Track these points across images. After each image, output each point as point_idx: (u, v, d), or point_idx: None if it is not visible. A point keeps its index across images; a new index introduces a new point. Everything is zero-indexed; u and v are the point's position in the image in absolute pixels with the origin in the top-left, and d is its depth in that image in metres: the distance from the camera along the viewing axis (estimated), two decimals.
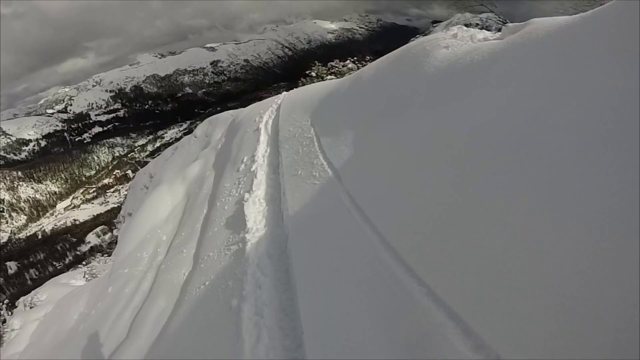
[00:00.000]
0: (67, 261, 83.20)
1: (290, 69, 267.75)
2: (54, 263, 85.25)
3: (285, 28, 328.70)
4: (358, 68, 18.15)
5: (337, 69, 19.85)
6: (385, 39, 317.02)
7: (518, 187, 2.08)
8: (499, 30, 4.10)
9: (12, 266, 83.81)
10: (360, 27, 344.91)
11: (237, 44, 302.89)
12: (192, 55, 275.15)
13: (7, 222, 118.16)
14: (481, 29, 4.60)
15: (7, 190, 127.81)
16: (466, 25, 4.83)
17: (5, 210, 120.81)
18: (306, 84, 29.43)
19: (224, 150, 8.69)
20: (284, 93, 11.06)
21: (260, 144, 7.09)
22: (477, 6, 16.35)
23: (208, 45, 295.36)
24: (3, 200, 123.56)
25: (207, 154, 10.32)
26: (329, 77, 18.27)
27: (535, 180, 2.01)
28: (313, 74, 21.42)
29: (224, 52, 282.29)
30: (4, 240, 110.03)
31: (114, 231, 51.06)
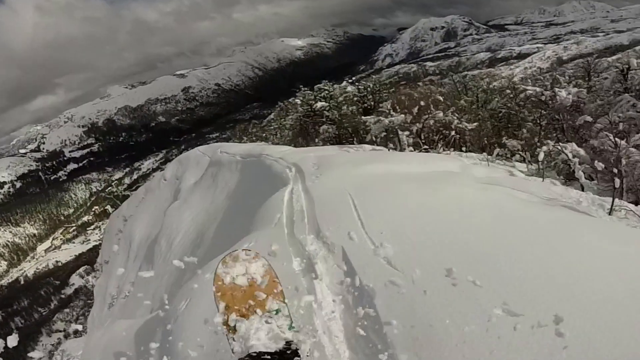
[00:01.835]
0: (52, 306, 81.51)
1: (262, 89, 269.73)
2: (39, 309, 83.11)
3: (253, 49, 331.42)
4: (359, 90, 17.87)
5: (326, 91, 18.03)
6: (353, 50, 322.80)
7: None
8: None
9: None
10: (327, 42, 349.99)
11: (206, 68, 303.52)
12: (162, 84, 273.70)
13: None
14: (447, 31, 5.77)
15: None
16: (432, 29, 6.11)
17: None
18: (288, 107, 29.66)
19: None
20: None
21: None
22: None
23: (178, 72, 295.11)
24: None
25: None
26: (319, 103, 17.26)
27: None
28: (298, 100, 19.87)
29: (194, 78, 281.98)
30: None
31: (97, 272, 50.37)
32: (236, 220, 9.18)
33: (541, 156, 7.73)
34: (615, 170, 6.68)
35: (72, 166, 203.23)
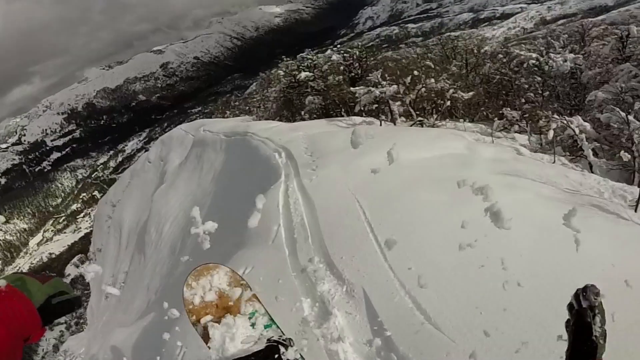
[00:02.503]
0: None
1: (242, 60, 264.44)
2: None
3: (230, 19, 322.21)
4: (344, 59, 16.53)
5: (310, 61, 17.12)
6: (333, 14, 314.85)
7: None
8: None
9: None
10: (306, 7, 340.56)
11: (184, 42, 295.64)
12: (140, 62, 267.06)
13: None
14: None
15: None
16: None
17: None
18: (270, 77, 28.72)
19: None
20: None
21: None
22: None
23: (155, 49, 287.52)
24: None
25: None
26: (303, 73, 16.43)
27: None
28: (281, 71, 19.09)
29: (172, 53, 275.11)
30: None
31: (91, 261, 50.03)
32: (225, 209, 8.74)
33: (550, 134, 7.26)
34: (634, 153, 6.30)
35: (55, 155, 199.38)
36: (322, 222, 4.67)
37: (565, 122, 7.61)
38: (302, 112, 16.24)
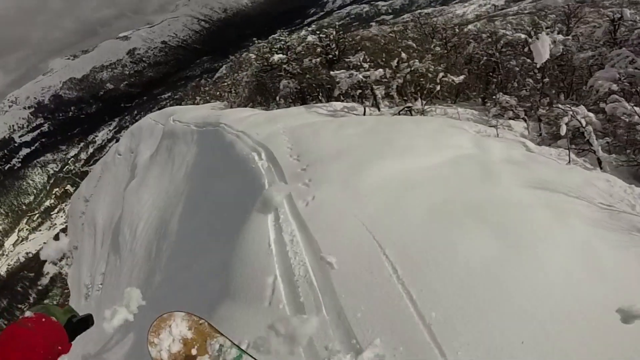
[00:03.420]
0: (31, 300, 79.89)
1: (211, 42, 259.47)
2: (19, 306, 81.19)
3: (197, 1, 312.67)
4: (320, 40, 15.43)
5: (283, 42, 16.17)
6: None
7: None
8: None
9: None
10: None
11: (150, 27, 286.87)
12: (106, 49, 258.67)
13: None
14: None
15: None
16: None
17: None
18: (241, 60, 27.59)
19: None
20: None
21: None
22: None
23: (121, 35, 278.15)
24: None
25: None
26: (276, 56, 15.57)
27: None
28: (252, 55, 18.48)
29: (138, 39, 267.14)
30: None
31: (68, 259, 49.07)
32: (199, 214, 8.04)
33: (563, 130, 6.72)
34: None
35: (24, 151, 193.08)
36: (337, 280, 3.53)
37: (571, 112, 7.06)
38: (277, 98, 15.42)
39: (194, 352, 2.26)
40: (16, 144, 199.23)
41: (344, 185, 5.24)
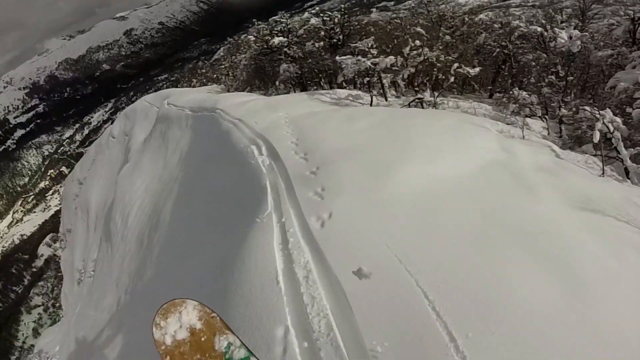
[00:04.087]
0: (26, 282, 79.86)
1: (209, 24, 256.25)
2: (14, 288, 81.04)
3: None
4: (324, 23, 14.57)
5: (284, 25, 15.42)
6: None
7: None
8: None
9: None
10: None
11: (148, 7, 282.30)
12: (102, 30, 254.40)
13: None
14: None
15: None
16: None
17: None
18: (239, 42, 26.89)
19: None
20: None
21: None
22: None
23: (118, 15, 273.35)
24: None
25: None
26: (277, 39, 14.80)
27: None
28: (252, 37, 17.69)
29: (136, 19, 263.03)
30: None
31: (62, 242, 48.77)
32: (193, 205, 7.51)
33: (597, 137, 6.19)
34: None
35: (19, 133, 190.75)
36: (370, 338, 2.75)
37: (598, 115, 6.51)
38: (277, 82, 14.82)
39: (199, 343, 2.23)
40: (11, 125, 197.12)
41: (364, 197, 4.44)
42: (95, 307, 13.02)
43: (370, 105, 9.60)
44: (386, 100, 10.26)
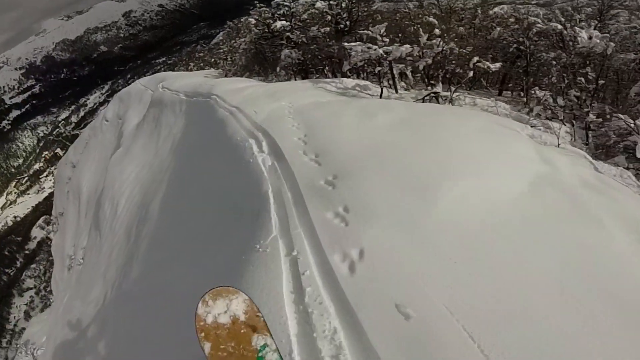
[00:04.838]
0: (18, 264, 79.71)
1: (209, 8, 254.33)
2: (6, 270, 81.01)
3: None
4: (330, 7, 13.59)
5: (287, 8, 14.68)
6: None
7: None
8: None
9: None
10: None
11: None
12: (101, 11, 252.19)
13: None
14: None
15: None
16: None
17: None
18: (239, 25, 26.11)
19: None
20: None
21: None
22: None
23: None
24: None
25: None
26: (279, 23, 14.04)
27: None
28: (253, 19, 16.67)
29: (135, 1, 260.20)
30: None
31: (54, 226, 48.31)
32: (183, 204, 6.84)
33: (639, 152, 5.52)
34: None
35: (14, 113, 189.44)
36: None
37: (632, 127, 5.87)
38: (278, 68, 14.10)
39: (237, 334, 2.26)
40: (6, 106, 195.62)
41: (404, 225, 3.35)
42: (82, 298, 12.64)
43: (380, 97, 8.90)
44: (396, 92, 9.56)
